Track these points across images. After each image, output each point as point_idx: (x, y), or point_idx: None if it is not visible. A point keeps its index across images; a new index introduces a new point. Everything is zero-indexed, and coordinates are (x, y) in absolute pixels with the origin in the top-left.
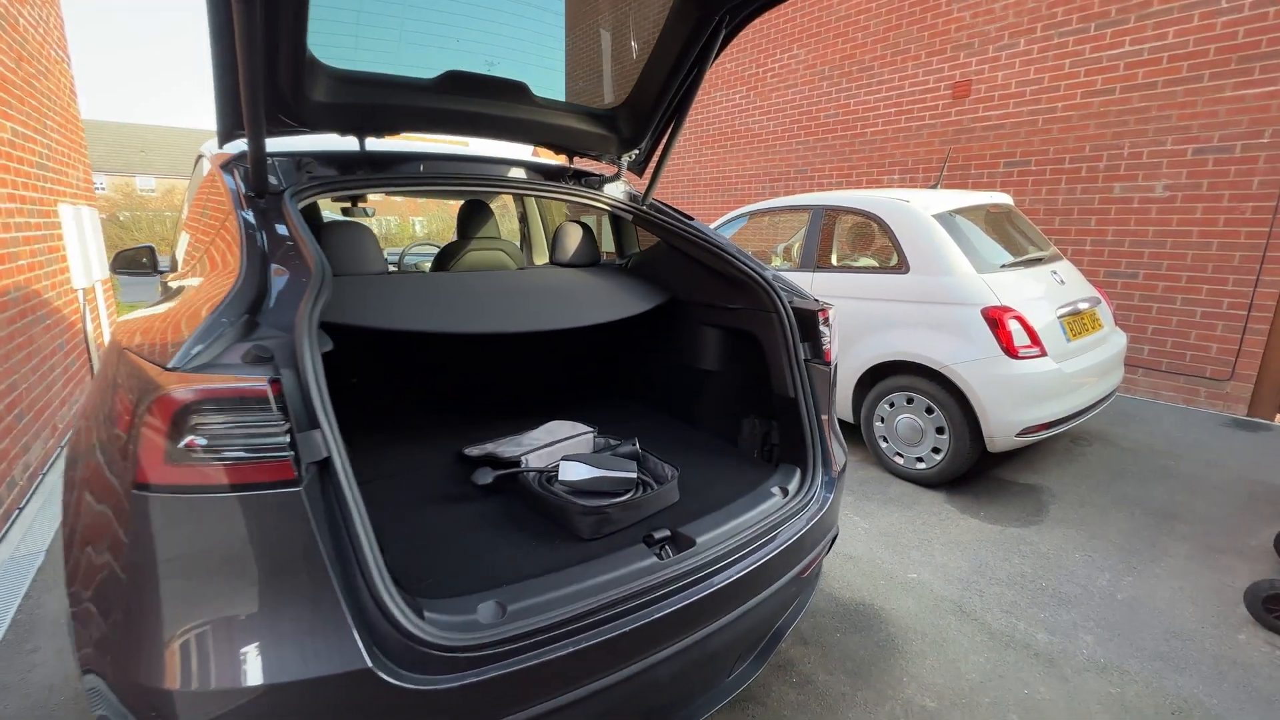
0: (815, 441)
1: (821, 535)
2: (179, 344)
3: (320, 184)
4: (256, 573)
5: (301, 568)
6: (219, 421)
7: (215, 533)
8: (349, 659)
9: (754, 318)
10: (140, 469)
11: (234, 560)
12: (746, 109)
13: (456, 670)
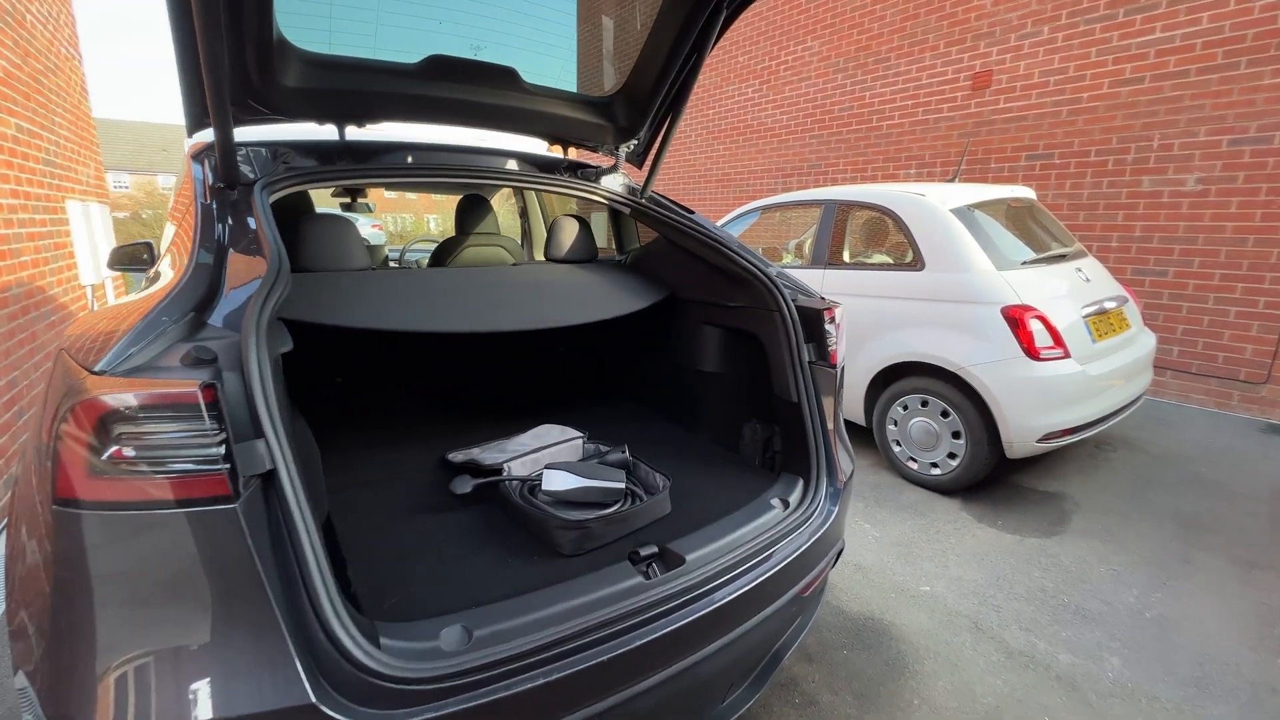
0: (819, 449)
1: (825, 550)
2: (114, 344)
3: (297, 175)
4: (189, 599)
5: (238, 593)
6: (147, 431)
7: (144, 554)
8: (291, 693)
9: (755, 317)
10: (58, 482)
11: (164, 585)
12: (759, 103)
13: (412, 705)
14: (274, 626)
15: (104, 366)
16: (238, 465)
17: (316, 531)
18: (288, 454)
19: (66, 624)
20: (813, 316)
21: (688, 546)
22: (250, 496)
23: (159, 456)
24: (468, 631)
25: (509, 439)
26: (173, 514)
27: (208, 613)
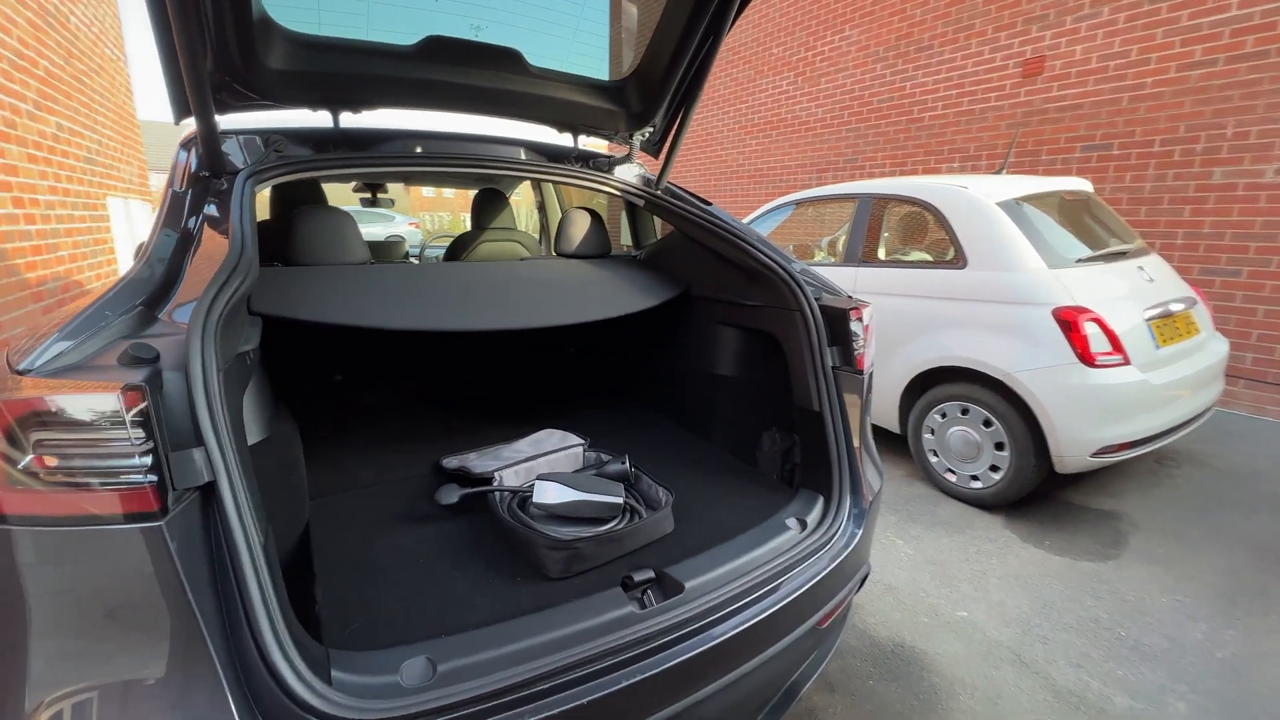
0: (843, 463)
1: (847, 577)
2: (44, 340)
3: (287, 164)
4: (114, 629)
5: (165, 621)
6: (64, 439)
7: (65, 577)
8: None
9: (775, 316)
10: None
11: (89, 613)
12: (793, 95)
13: None
14: (205, 660)
15: (27, 365)
16: (169, 477)
17: (261, 551)
18: (232, 464)
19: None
20: (837, 317)
21: (689, 572)
22: (184, 512)
23: (76, 467)
24: (432, 665)
25: (507, 444)
26: (90, 531)
27: (133, 645)
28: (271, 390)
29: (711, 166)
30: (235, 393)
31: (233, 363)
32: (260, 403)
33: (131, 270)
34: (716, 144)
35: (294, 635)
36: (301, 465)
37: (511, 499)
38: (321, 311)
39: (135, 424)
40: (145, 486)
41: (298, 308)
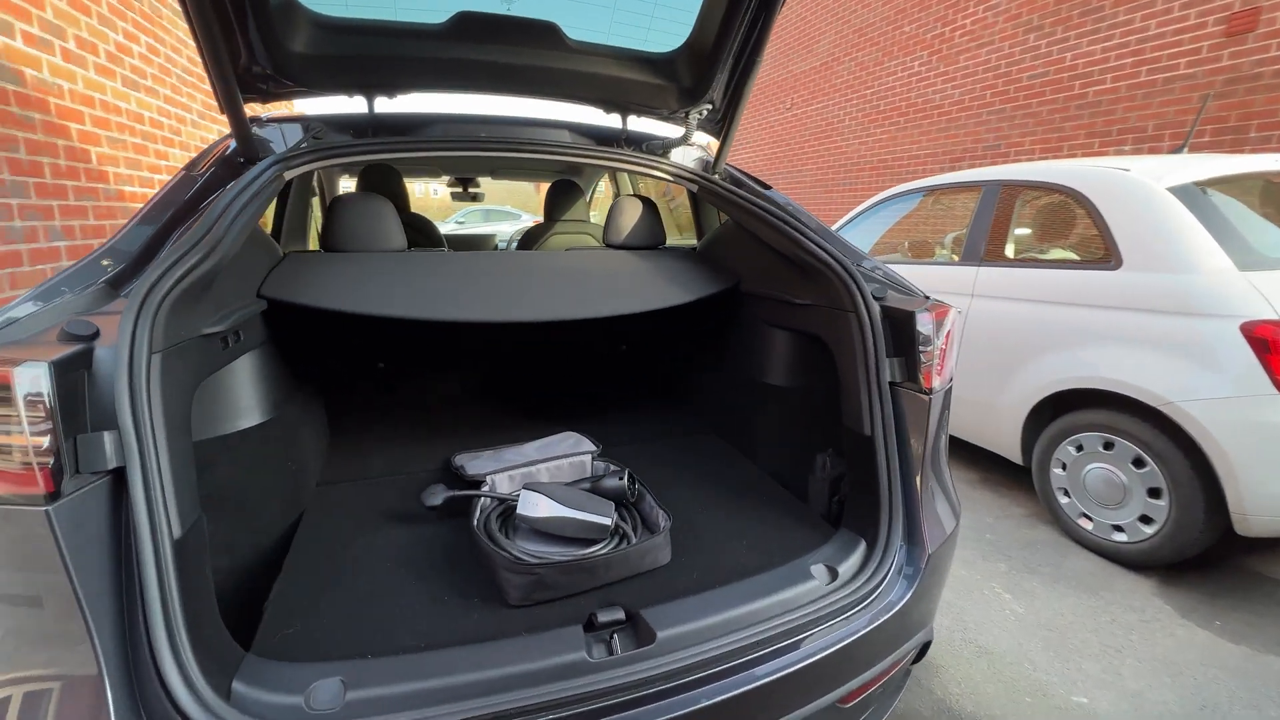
0: (894, 502)
1: (889, 644)
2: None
3: (319, 151)
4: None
5: (50, 611)
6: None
7: None
8: None
9: (826, 318)
10: None
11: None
12: (926, 77)
13: None
14: (89, 658)
15: None
16: (64, 459)
17: (171, 545)
18: (150, 450)
19: None
20: (901, 321)
21: (669, 617)
22: (83, 498)
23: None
24: (344, 689)
25: (519, 445)
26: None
27: (20, 633)
28: (284, 373)
29: (831, 159)
30: (186, 375)
31: (190, 344)
32: (263, 385)
33: (102, 246)
34: (837, 134)
35: (205, 638)
36: (309, 451)
37: (495, 507)
38: (327, 298)
39: (31, 402)
40: (33, 467)
41: (305, 293)
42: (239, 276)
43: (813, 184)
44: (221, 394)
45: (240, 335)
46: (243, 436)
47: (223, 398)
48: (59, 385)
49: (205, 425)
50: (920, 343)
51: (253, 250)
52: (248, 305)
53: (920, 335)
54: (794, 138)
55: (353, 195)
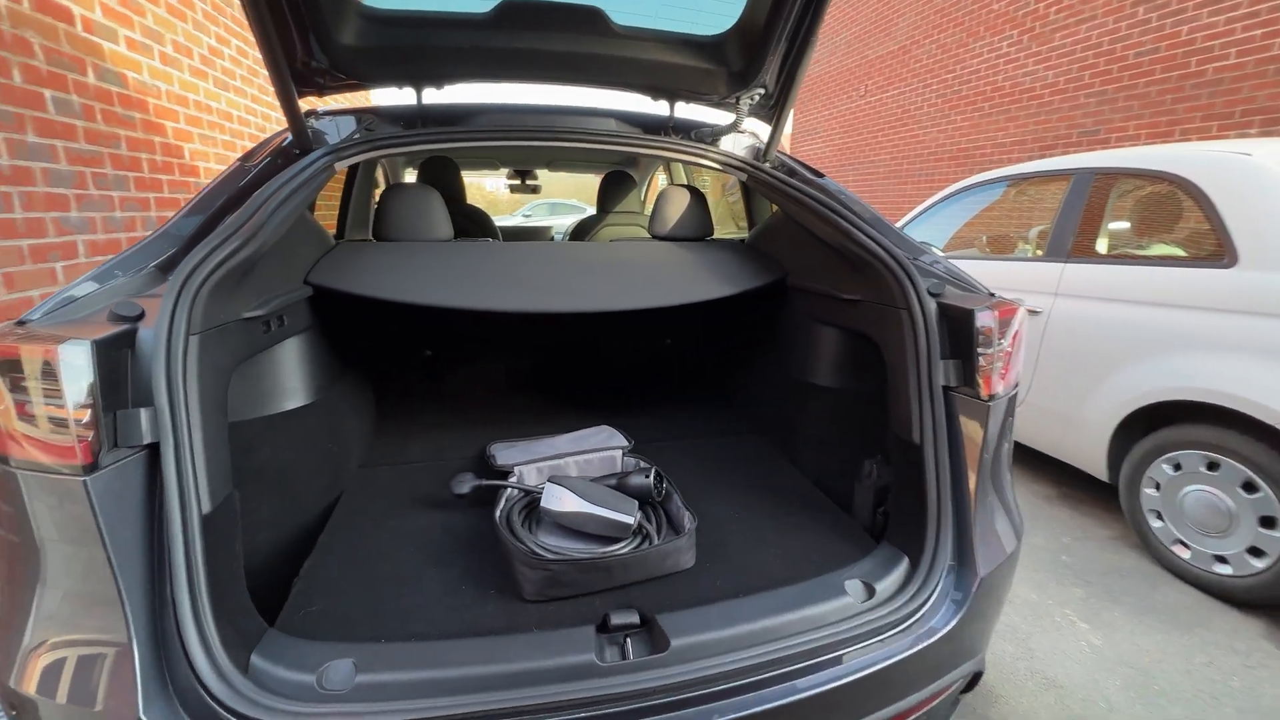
0: (943, 518)
1: (931, 673)
2: (55, 293)
3: (369, 142)
4: (43, 574)
5: (86, 576)
6: (32, 386)
7: (11, 517)
8: (121, 703)
9: (875, 315)
10: None
11: (26, 556)
12: (1015, 58)
13: None
14: (117, 621)
15: (29, 315)
16: (103, 434)
17: (199, 520)
18: (184, 427)
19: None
20: (959, 320)
21: (686, 625)
22: (119, 471)
23: (35, 413)
24: (354, 671)
25: (552, 437)
26: (29, 476)
27: (53, 591)
28: (329, 358)
29: (904, 148)
30: (224, 356)
31: (230, 327)
32: (308, 369)
33: (156, 232)
34: (913, 122)
35: (229, 610)
36: (351, 434)
37: (520, 499)
38: (369, 285)
39: (73, 378)
40: (76, 440)
41: (349, 280)
42: (284, 263)
43: (886, 175)
44: (267, 376)
45: (284, 320)
46: (286, 417)
47: (268, 379)
48: (100, 363)
49: (251, 405)
50: (980, 344)
51: (301, 237)
52: (292, 291)
53: (980, 336)
54: (867, 126)
55: (402, 186)
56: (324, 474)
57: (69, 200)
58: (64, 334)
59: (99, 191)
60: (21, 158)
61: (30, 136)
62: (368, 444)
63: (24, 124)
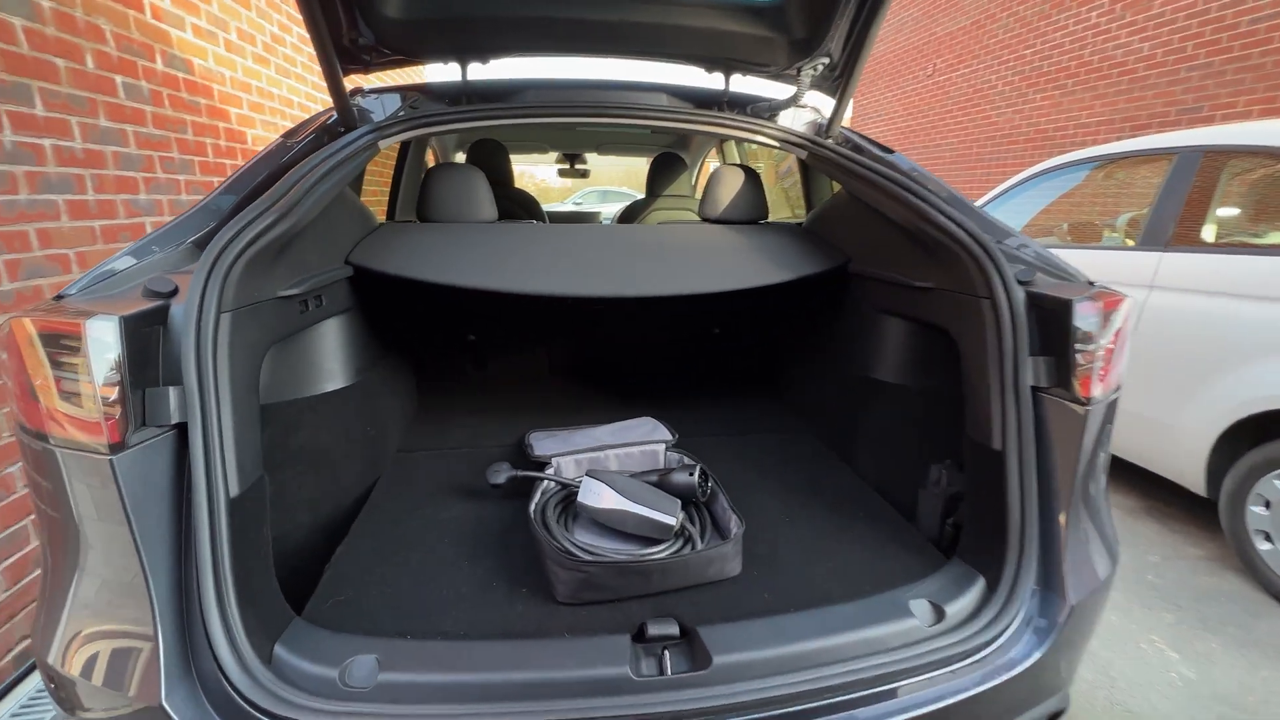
0: (1027, 536)
1: (1009, 710)
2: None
3: (413, 120)
4: (81, 552)
5: (116, 557)
6: (62, 362)
7: (50, 490)
8: (147, 687)
9: (952, 305)
10: (13, 407)
11: (64, 529)
12: (1106, 29)
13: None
14: (144, 601)
15: (67, 290)
16: (130, 412)
17: (225, 503)
18: (211, 407)
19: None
20: (1054, 311)
21: (730, 640)
22: (146, 451)
23: (65, 389)
24: (377, 669)
25: (592, 427)
26: (60, 452)
27: (85, 570)
28: (369, 339)
29: (976, 130)
30: (257, 335)
31: (265, 306)
32: (347, 351)
33: (195, 207)
34: (986, 102)
35: (255, 597)
36: (391, 418)
37: (557, 492)
38: (407, 266)
39: (100, 355)
40: (102, 417)
41: (389, 261)
42: (324, 241)
43: (953, 160)
44: (305, 357)
45: (323, 300)
46: (325, 400)
47: (306, 361)
48: (129, 339)
49: (289, 387)
50: (1078, 339)
51: (342, 216)
52: (330, 270)
53: (1078, 330)
54: (933, 108)
55: (446, 166)
56: (361, 458)
57: (138, 183)
58: (93, 309)
59: (165, 175)
60: (94, 141)
61: (103, 121)
62: (407, 428)
63: (97, 108)
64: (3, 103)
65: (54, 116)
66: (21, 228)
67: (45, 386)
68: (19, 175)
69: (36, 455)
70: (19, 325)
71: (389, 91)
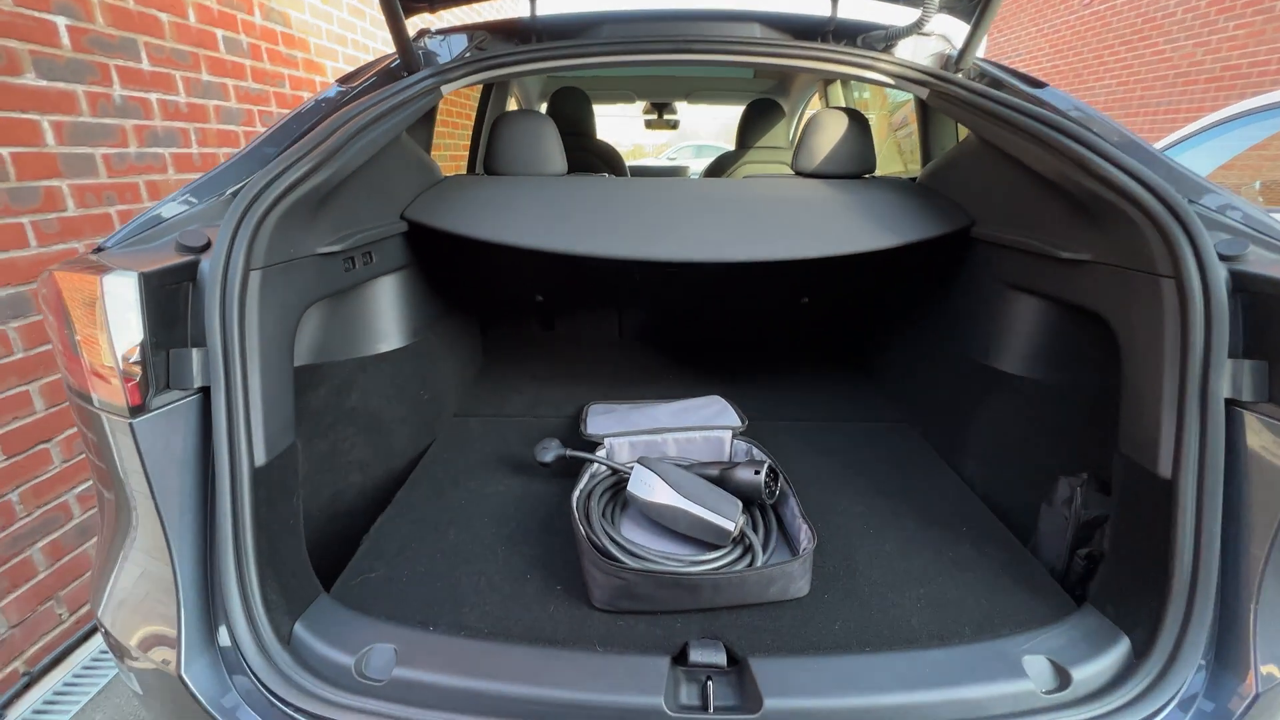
0: (1196, 589)
1: None
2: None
3: (480, 62)
4: (122, 513)
5: (140, 520)
6: (83, 319)
7: (93, 448)
8: (163, 648)
9: (1115, 284)
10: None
11: (111, 491)
12: None
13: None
14: (164, 568)
15: (105, 243)
16: (155, 373)
17: (249, 472)
18: (235, 371)
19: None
20: (1274, 299)
21: (786, 679)
22: (169, 415)
23: (91, 350)
24: (396, 660)
25: (654, 405)
26: (90, 411)
27: (119, 533)
28: (426, 299)
29: (1140, 70)
30: (292, 295)
31: (302, 263)
32: (402, 311)
33: (241, 151)
34: (1159, 34)
35: (280, 571)
36: (447, 381)
37: (606, 477)
38: (464, 223)
39: (118, 313)
40: (122, 379)
41: (446, 217)
42: (375, 194)
43: (1108, 105)
44: (357, 315)
45: (372, 257)
46: (378, 361)
47: (358, 319)
48: (149, 297)
49: (340, 346)
50: None
51: (398, 167)
52: (381, 226)
53: None
54: (1088, 44)
55: (513, 114)
56: (415, 422)
57: (239, 137)
58: (114, 264)
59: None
60: (197, 95)
61: (204, 75)
62: (465, 391)
63: (199, 63)
64: (112, 57)
65: (159, 71)
66: (132, 180)
67: (80, 343)
68: (128, 129)
69: (79, 413)
70: (51, 280)
71: (457, 32)
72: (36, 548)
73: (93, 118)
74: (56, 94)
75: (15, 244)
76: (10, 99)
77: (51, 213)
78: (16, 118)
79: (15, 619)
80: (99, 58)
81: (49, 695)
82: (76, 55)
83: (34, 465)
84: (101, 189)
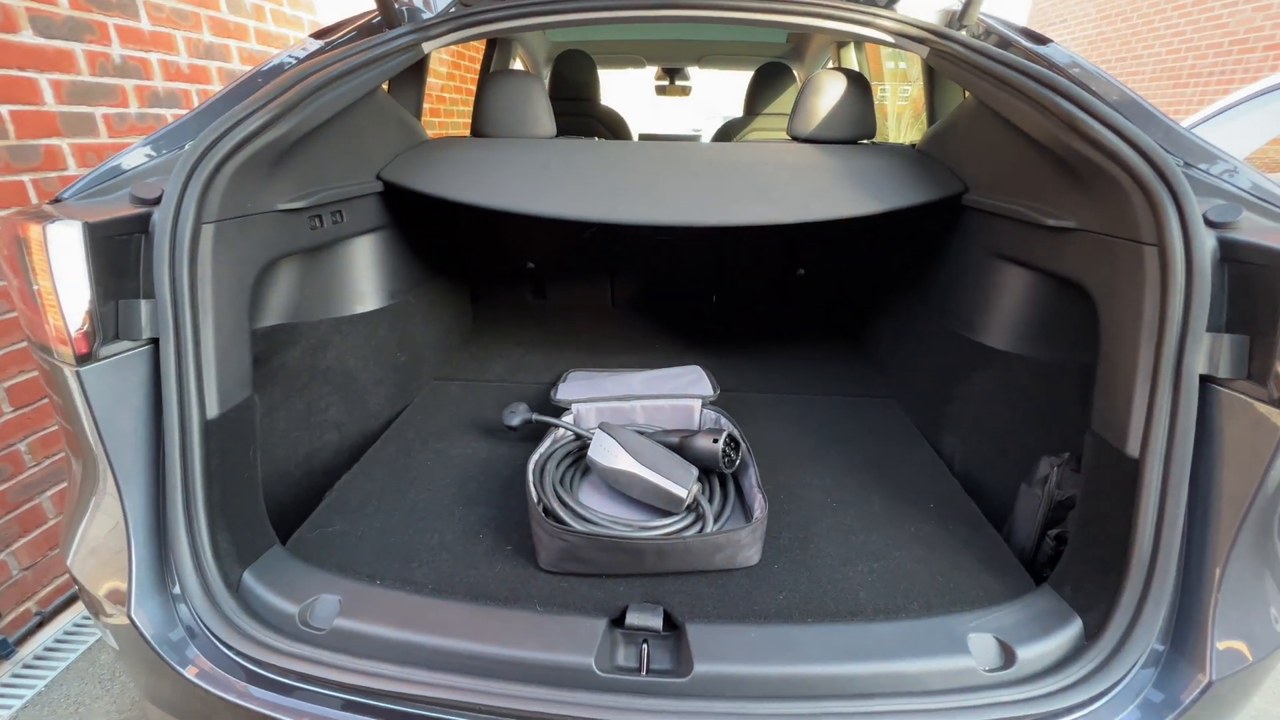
0: (1153, 575)
1: None
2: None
3: (464, 18)
4: (83, 462)
5: (92, 468)
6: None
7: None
8: (120, 590)
9: (1097, 252)
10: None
11: (68, 439)
12: None
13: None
14: (115, 513)
15: (63, 193)
16: (102, 323)
17: (200, 425)
18: (185, 323)
19: None
20: (1260, 269)
21: (718, 644)
22: (117, 365)
23: (41, 299)
24: (339, 611)
25: (628, 373)
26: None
27: (82, 481)
28: (407, 261)
29: (1193, 36)
30: (249, 250)
31: (261, 219)
32: (380, 272)
33: (205, 102)
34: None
35: (233, 521)
36: (426, 344)
37: (568, 441)
38: (445, 185)
39: (64, 263)
40: (68, 328)
41: (420, 178)
42: (347, 152)
43: (1156, 74)
44: (332, 275)
45: (342, 216)
46: (354, 322)
47: (334, 279)
48: (95, 248)
49: (316, 306)
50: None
51: (374, 126)
52: (352, 185)
53: None
54: (1138, 9)
55: (499, 74)
56: (390, 384)
57: None
58: (60, 214)
59: None
60: (199, 56)
61: (206, 36)
62: (448, 356)
63: (200, 23)
64: (110, 15)
65: (159, 31)
66: (133, 140)
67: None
68: (129, 89)
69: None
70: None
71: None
72: (45, 495)
73: (92, 77)
74: (54, 52)
75: (17, 201)
76: (8, 56)
77: (52, 171)
78: (15, 75)
79: (26, 562)
80: (97, 15)
81: (59, 634)
82: (74, 13)
83: (41, 418)
84: (103, 148)
